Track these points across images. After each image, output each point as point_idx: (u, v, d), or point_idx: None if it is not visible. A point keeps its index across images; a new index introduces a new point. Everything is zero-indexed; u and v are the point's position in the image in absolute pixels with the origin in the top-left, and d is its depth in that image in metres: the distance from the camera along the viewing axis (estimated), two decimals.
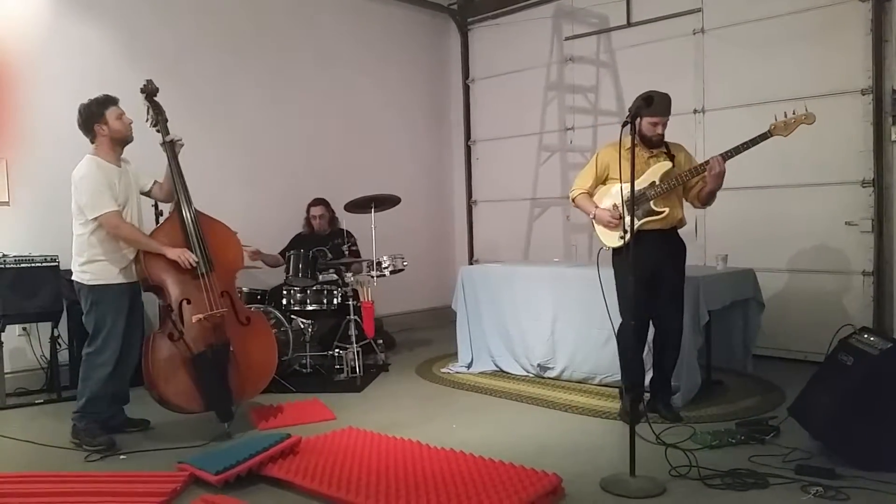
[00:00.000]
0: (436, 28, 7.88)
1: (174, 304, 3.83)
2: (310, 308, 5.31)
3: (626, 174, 3.31)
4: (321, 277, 5.49)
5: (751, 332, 4.68)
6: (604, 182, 4.09)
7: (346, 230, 5.93)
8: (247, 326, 4.05)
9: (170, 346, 3.77)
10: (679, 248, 4.05)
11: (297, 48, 6.56)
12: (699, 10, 5.90)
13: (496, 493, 2.88)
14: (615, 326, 3.95)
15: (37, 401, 4.70)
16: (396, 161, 7.37)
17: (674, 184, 3.86)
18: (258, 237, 5.42)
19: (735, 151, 3.77)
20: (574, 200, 4.17)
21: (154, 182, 4.08)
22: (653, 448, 3.39)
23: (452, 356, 5.62)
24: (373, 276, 5.39)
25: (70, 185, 3.77)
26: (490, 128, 7.68)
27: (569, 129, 6.93)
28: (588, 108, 6.79)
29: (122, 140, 3.86)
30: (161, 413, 3.94)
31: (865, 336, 3.42)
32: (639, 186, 3.62)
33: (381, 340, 5.82)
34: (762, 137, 3.74)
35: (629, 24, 6.38)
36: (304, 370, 5.30)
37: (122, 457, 3.60)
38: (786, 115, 3.75)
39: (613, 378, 4.57)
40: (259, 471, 3.21)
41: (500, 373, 5.21)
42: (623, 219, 3.80)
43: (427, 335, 6.85)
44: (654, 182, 3.86)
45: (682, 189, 3.97)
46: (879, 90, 5.06)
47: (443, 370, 5.40)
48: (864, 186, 5.13)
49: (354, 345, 5.18)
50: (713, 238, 5.81)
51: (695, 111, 5.92)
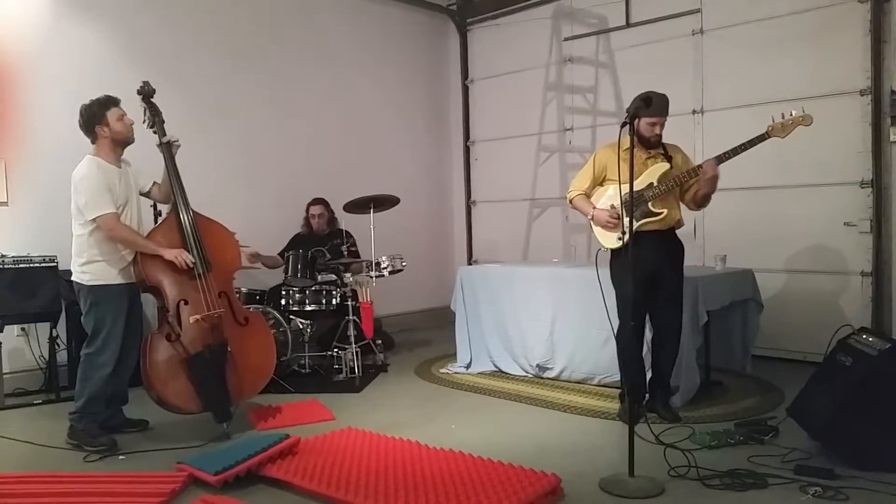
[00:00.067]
0: (435, 28, 7.88)
1: (171, 305, 3.83)
2: (308, 308, 5.31)
3: (625, 175, 3.30)
4: (320, 278, 5.49)
5: (750, 333, 4.68)
6: (601, 183, 4.09)
7: (346, 230, 5.92)
8: (245, 327, 4.05)
9: (168, 347, 3.77)
10: (677, 249, 4.05)
11: (297, 49, 6.56)
12: (698, 11, 5.90)
13: (495, 494, 2.88)
14: (614, 327, 3.95)
15: (35, 401, 4.70)
16: (396, 161, 7.37)
17: (672, 185, 3.86)
18: (257, 237, 5.41)
19: (730, 154, 3.77)
20: (571, 202, 4.17)
21: (153, 183, 4.07)
22: (652, 448, 3.39)
23: (451, 356, 5.62)
24: (372, 277, 5.39)
25: (69, 186, 3.77)
26: (489, 128, 7.68)
27: (568, 130, 6.93)
28: (587, 109, 6.79)
29: (123, 141, 3.85)
30: (160, 413, 3.94)
31: (864, 336, 3.42)
32: (637, 188, 3.63)
33: (380, 341, 5.81)
34: (759, 139, 3.74)
35: (628, 25, 6.38)
36: (303, 370, 5.30)
37: (121, 457, 3.60)
38: (783, 117, 3.75)
39: (612, 378, 4.58)
40: (258, 471, 3.21)
41: (499, 373, 5.20)
42: (621, 219, 3.80)
43: (426, 335, 6.85)
44: (652, 183, 3.86)
45: (679, 190, 3.98)
46: (878, 91, 5.07)
47: (442, 370, 5.40)
48: (863, 187, 5.14)
49: (353, 345, 5.18)
50: (712, 238, 5.81)
51: (694, 112, 5.93)
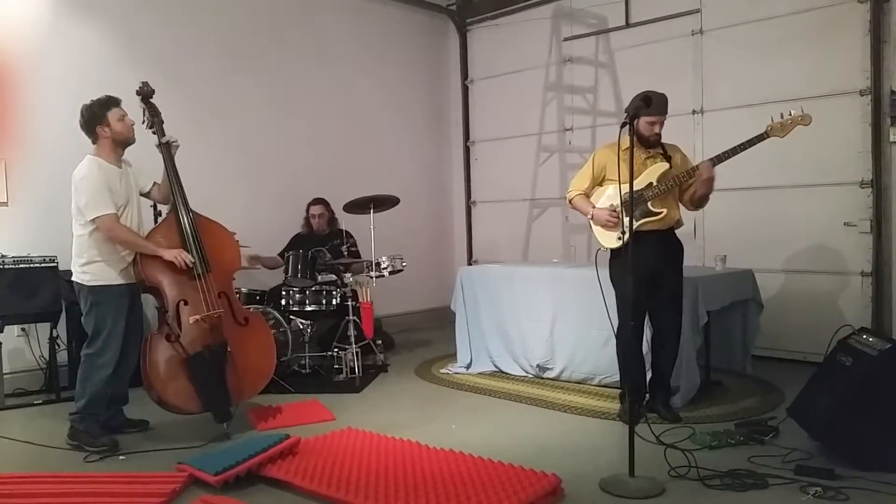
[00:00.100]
0: (435, 28, 7.88)
1: (171, 306, 3.83)
2: (309, 309, 5.31)
3: (625, 175, 3.30)
4: (320, 278, 5.49)
5: (750, 333, 4.68)
6: (600, 183, 4.09)
7: (346, 230, 5.92)
8: (245, 327, 4.05)
9: (168, 347, 3.77)
10: (677, 249, 4.05)
11: (297, 49, 6.56)
12: (698, 11, 5.90)
13: (495, 494, 2.88)
14: (614, 327, 3.95)
15: (36, 401, 4.70)
16: (395, 161, 7.37)
17: (671, 185, 3.86)
18: (257, 237, 5.41)
19: (727, 155, 3.77)
20: (571, 202, 4.17)
21: (153, 184, 4.07)
22: (652, 448, 3.39)
23: (451, 357, 5.62)
24: (372, 277, 5.39)
25: (69, 186, 3.77)
26: (489, 128, 7.68)
27: (568, 130, 6.93)
28: (587, 109, 6.79)
29: (124, 142, 3.85)
30: (160, 414, 3.94)
31: (864, 337, 3.42)
32: (636, 187, 3.63)
33: (381, 341, 5.81)
34: (759, 138, 3.74)
35: (628, 25, 6.38)
36: (303, 371, 5.30)
37: (122, 457, 3.60)
38: (782, 116, 3.75)
39: (613, 379, 4.57)
40: (258, 471, 3.21)
41: (500, 373, 5.20)
42: (622, 219, 3.80)
43: (426, 336, 6.85)
44: (652, 183, 3.86)
45: (678, 190, 3.98)
46: (878, 91, 5.07)
47: (442, 371, 5.40)
48: (863, 187, 5.14)
49: (353, 345, 5.18)
50: (712, 239, 5.81)
51: (693, 112, 5.93)
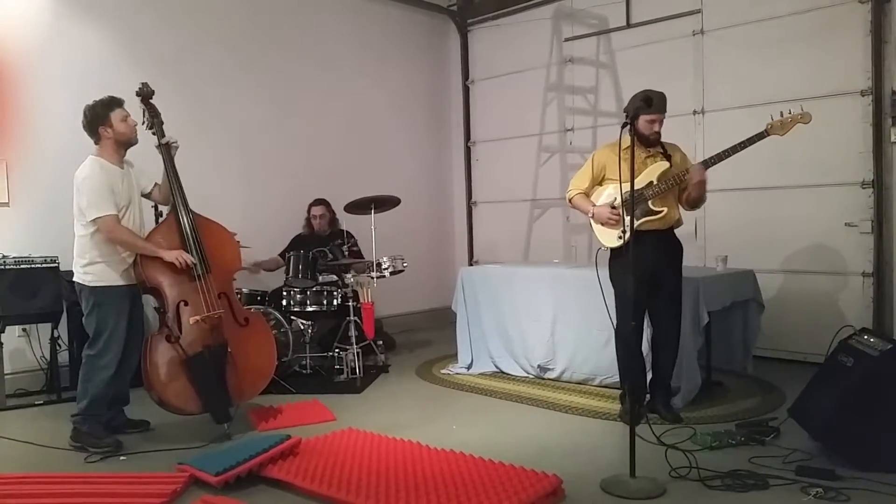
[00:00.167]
0: (435, 29, 7.88)
1: (171, 307, 3.83)
2: (310, 309, 5.31)
3: (625, 174, 3.30)
4: (321, 278, 5.49)
5: (751, 333, 4.67)
6: (600, 183, 4.09)
7: (347, 231, 5.92)
8: (245, 327, 4.05)
9: (168, 348, 3.77)
10: (676, 249, 4.05)
11: (298, 49, 6.56)
12: (699, 12, 5.90)
13: (496, 494, 2.88)
14: (615, 327, 3.95)
15: (37, 402, 4.70)
16: (396, 162, 7.37)
17: (671, 184, 3.86)
18: (258, 238, 5.42)
19: (720, 157, 3.77)
20: (571, 201, 4.17)
21: (154, 184, 4.07)
22: (653, 449, 3.39)
23: (452, 357, 5.62)
24: (373, 277, 5.39)
25: (70, 186, 3.77)
26: (490, 129, 7.68)
27: (568, 130, 6.93)
28: (588, 110, 6.79)
29: (127, 142, 3.85)
30: (161, 414, 3.94)
31: (865, 337, 3.42)
32: (637, 186, 3.62)
33: (381, 341, 5.81)
34: (758, 137, 3.74)
35: (629, 26, 6.38)
36: (304, 371, 5.30)
37: (122, 458, 3.60)
38: (782, 115, 3.75)
39: (613, 379, 4.57)
40: (259, 472, 3.21)
41: (500, 374, 5.20)
42: (622, 217, 3.80)
43: (427, 336, 6.85)
44: (652, 182, 3.86)
45: (678, 190, 3.97)
46: (879, 91, 5.06)
47: (443, 371, 5.40)
48: (864, 188, 5.13)
49: (354, 346, 5.18)
50: (713, 239, 5.81)
51: (694, 112, 5.93)
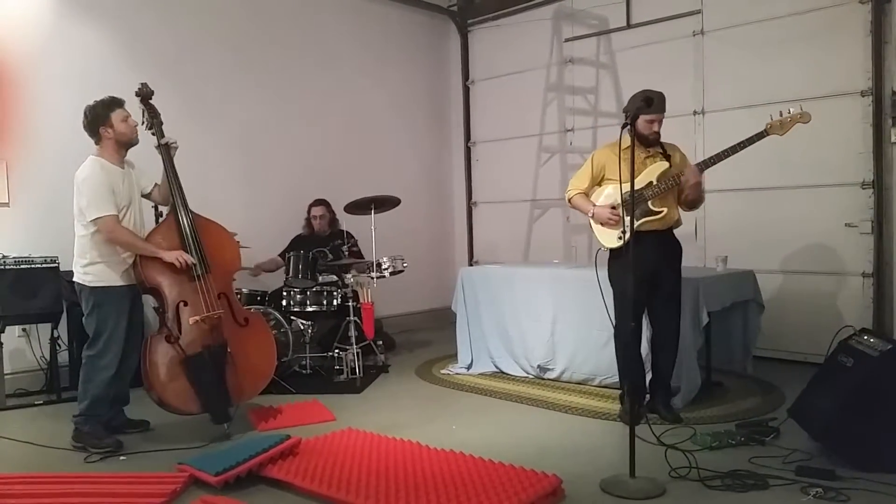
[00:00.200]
0: (436, 29, 7.89)
1: (171, 307, 3.83)
2: (309, 309, 5.31)
3: (625, 174, 3.30)
4: (321, 279, 5.49)
5: (751, 334, 4.67)
6: (599, 183, 4.09)
7: (347, 231, 5.92)
8: (245, 327, 4.05)
9: (167, 348, 3.77)
10: (676, 249, 4.05)
11: (298, 49, 6.56)
12: (699, 12, 5.90)
13: (496, 495, 2.88)
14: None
15: (36, 402, 4.70)
16: (396, 162, 7.37)
17: (671, 184, 3.86)
18: (258, 238, 5.42)
19: (716, 159, 3.77)
20: (570, 200, 4.16)
21: (154, 185, 4.07)
22: (653, 449, 3.39)
23: (452, 357, 5.62)
24: (372, 278, 5.39)
25: (70, 187, 3.76)
26: (490, 129, 7.68)
27: (569, 131, 6.93)
28: (588, 110, 6.79)
29: (128, 142, 3.85)
30: (161, 414, 3.94)
31: (865, 337, 3.42)
32: (636, 187, 3.62)
33: (381, 342, 5.81)
34: (758, 136, 3.74)
35: (629, 26, 6.38)
36: (304, 371, 5.30)
37: (122, 458, 3.60)
38: (781, 114, 3.75)
39: (613, 379, 4.57)
40: (259, 472, 3.21)
41: (500, 374, 5.20)
42: (623, 218, 3.80)
43: (427, 336, 6.85)
44: (652, 182, 3.86)
45: (677, 190, 3.97)
46: (879, 92, 5.06)
47: (443, 371, 5.40)
48: (864, 188, 5.13)
49: (354, 346, 5.18)
50: (713, 239, 5.81)
51: (694, 113, 5.93)
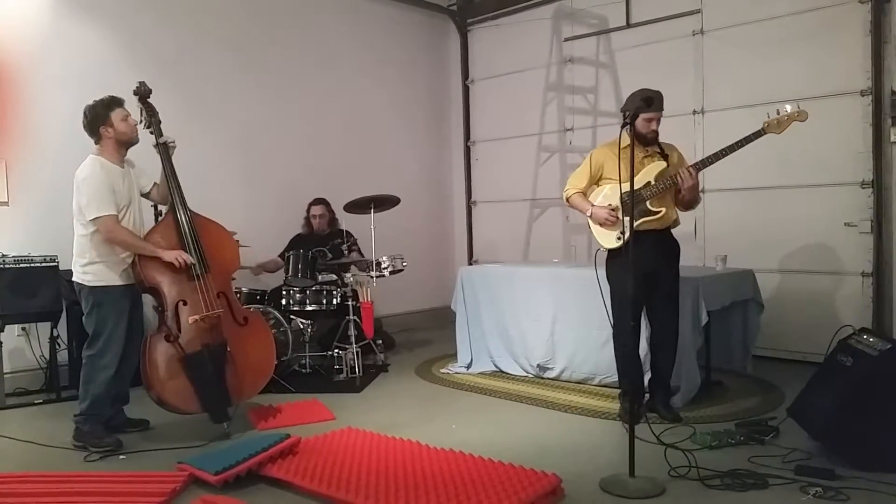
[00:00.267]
0: (435, 29, 7.88)
1: (170, 306, 3.83)
2: (309, 308, 5.31)
3: (625, 174, 3.30)
4: (320, 278, 5.49)
5: (750, 333, 4.67)
6: (597, 183, 4.09)
7: (346, 230, 5.92)
8: (244, 327, 4.05)
9: (167, 348, 3.77)
10: (674, 249, 4.05)
11: (297, 48, 6.56)
12: (698, 12, 5.90)
13: (496, 494, 2.88)
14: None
15: (36, 401, 4.70)
16: (396, 161, 7.37)
17: (669, 184, 3.86)
18: (257, 238, 5.42)
19: (712, 160, 3.77)
20: (568, 200, 4.15)
21: (153, 184, 4.06)
22: (652, 448, 3.39)
23: (452, 357, 5.62)
24: (372, 277, 5.39)
25: (70, 186, 3.76)
26: (490, 128, 7.68)
27: (568, 130, 6.93)
28: (587, 109, 6.79)
29: (127, 142, 3.85)
30: (160, 413, 3.94)
31: (865, 337, 3.42)
32: (635, 187, 3.62)
33: (381, 341, 5.81)
34: (755, 135, 3.74)
35: (629, 26, 6.38)
36: (304, 370, 5.30)
37: (122, 457, 3.60)
38: (778, 113, 3.75)
39: (613, 379, 4.57)
40: (258, 471, 3.21)
41: (500, 373, 5.20)
42: (621, 218, 3.80)
43: (426, 336, 6.85)
44: (650, 182, 3.86)
45: (675, 190, 3.97)
46: (879, 91, 5.06)
47: (442, 371, 5.40)
48: (864, 187, 5.13)
49: (354, 345, 5.17)
50: (713, 239, 5.81)
51: (694, 112, 5.93)
